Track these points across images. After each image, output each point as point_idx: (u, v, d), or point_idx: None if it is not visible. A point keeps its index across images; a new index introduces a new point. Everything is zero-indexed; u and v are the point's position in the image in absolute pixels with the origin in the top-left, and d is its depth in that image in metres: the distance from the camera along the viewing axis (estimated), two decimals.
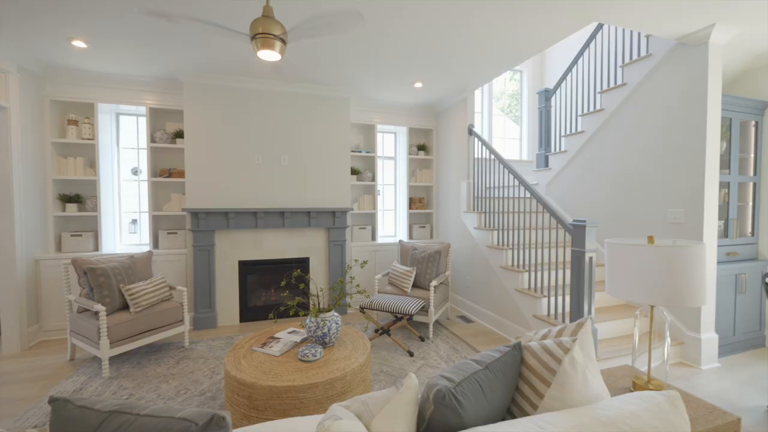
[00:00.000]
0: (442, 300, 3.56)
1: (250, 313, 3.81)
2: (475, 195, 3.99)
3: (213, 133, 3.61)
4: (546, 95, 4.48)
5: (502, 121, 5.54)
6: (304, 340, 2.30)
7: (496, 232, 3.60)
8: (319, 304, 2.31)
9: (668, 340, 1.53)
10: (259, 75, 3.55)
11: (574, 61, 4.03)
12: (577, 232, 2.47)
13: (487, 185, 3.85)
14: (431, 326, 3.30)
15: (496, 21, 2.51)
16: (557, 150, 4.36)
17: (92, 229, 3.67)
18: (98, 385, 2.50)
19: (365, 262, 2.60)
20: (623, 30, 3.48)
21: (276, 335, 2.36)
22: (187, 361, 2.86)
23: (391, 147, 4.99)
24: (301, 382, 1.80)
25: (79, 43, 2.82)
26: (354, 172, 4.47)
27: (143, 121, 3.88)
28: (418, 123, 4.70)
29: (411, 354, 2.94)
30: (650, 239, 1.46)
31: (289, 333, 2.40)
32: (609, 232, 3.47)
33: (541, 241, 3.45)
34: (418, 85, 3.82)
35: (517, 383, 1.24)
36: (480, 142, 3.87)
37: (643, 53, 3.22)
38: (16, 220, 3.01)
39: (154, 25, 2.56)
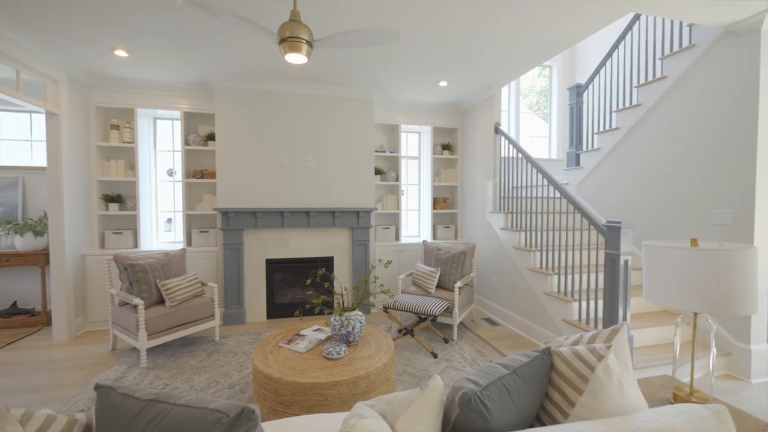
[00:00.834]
0: (466, 302, 3.50)
1: (276, 310, 3.91)
2: (502, 195, 3.89)
3: (242, 136, 3.74)
4: (577, 91, 4.31)
5: (529, 119, 5.38)
6: (328, 338, 2.33)
7: (523, 233, 3.49)
8: (343, 303, 2.33)
9: (714, 350, 1.43)
10: (286, 78, 3.63)
11: (608, 55, 3.85)
12: (612, 233, 2.35)
13: (514, 185, 3.75)
14: (455, 328, 3.25)
15: (525, 16, 2.44)
16: (589, 148, 4.17)
17: (132, 227, 3.89)
18: (137, 374, 2.64)
19: (389, 262, 2.60)
20: (663, 20, 3.29)
21: (301, 332, 2.41)
22: (218, 354, 2.97)
23: (415, 147, 4.97)
24: (326, 380, 1.82)
25: (121, 52, 3.00)
26: (378, 172, 4.48)
27: (178, 125, 4.07)
28: (443, 122, 4.65)
29: (435, 355, 2.91)
30: (693, 242, 1.37)
31: (314, 331, 2.44)
32: (646, 234, 3.28)
33: (571, 243, 3.32)
34: (443, 83, 3.78)
35: (547, 390, 1.19)
36: (507, 141, 3.78)
37: (684, 44, 3.03)
38: (65, 219, 3.25)
39: (189, 33, 2.67)
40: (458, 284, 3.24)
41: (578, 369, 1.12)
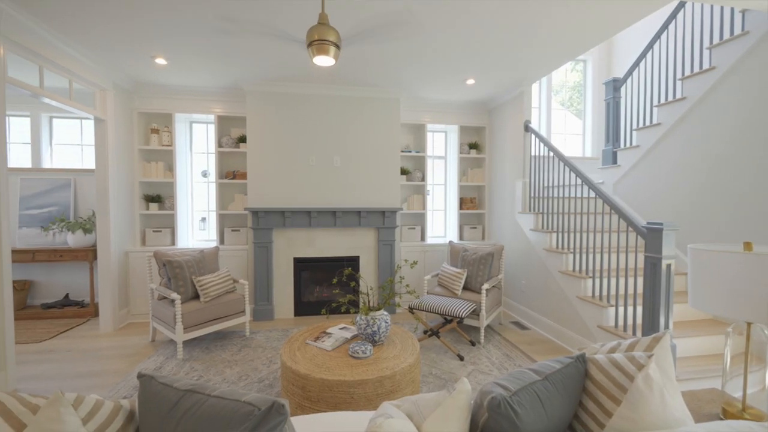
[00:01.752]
0: (494, 304, 3.42)
1: (303, 307, 4.00)
2: (532, 195, 3.77)
3: (271, 137, 3.85)
4: (614, 85, 4.09)
5: (561, 116, 5.18)
6: (354, 337, 2.35)
7: (554, 235, 3.36)
8: (369, 302, 2.34)
9: None
10: (313, 80, 3.70)
11: (649, 46, 3.63)
12: (652, 236, 2.22)
13: (545, 184, 3.62)
14: (482, 331, 3.19)
15: (558, 7, 2.35)
16: (627, 145, 3.96)
17: (169, 225, 4.11)
18: (173, 365, 2.79)
19: (415, 263, 2.58)
20: (711, 7, 3.06)
21: (328, 330, 2.44)
22: (248, 349, 3.08)
23: (441, 146, 4.91)
24: (352, 378, 1.84)
25: (160, 61, 3.17)
26: (403, 172, 4.47)
27: (212, 128, 4.26)
28: (470, 121, 4.56)
29: (461, 358, 2.86)
30: (747, 245, 1.26)
31: (340, 329, 2.47)
32: (692, 236, 3.07)
33: (607, 246, 3.15)
34: (471, 81, 3.71)
35: (581, 398, 1.14)
36: (537, 139, 3.65)
37: (736, 31, 2.80)
38: (111, 217, 3.48)
39: (222, 41, 2.79)
40: (485, 286, 3.17)
41: (616, 378, 1.07)
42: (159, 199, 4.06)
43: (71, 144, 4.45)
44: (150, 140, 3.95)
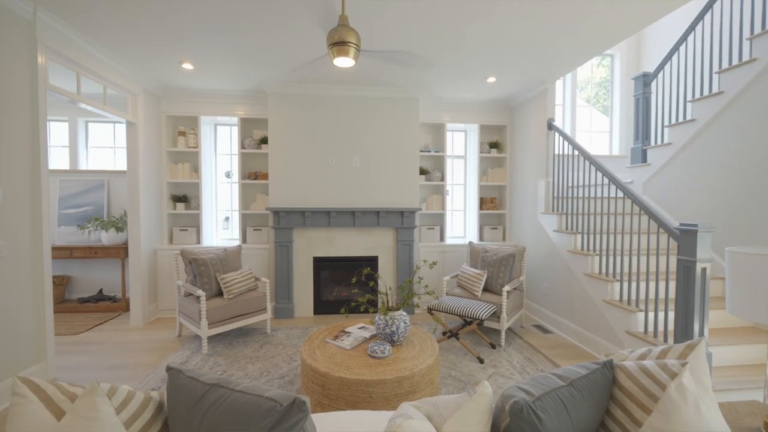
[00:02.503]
0: (515, 306, 3.35)
1: (322, 306, 4.04)
2: (555, 195, 3.66)
3: (292, 138, 3.92)
4: (644, 80, 3.91)
5: (587, 113, 5.01)
6: (372, 336, 2.35)
7: (579, 236, 3.26)
8: (387, 302, 2.34)
9: None
10: (333, 81, 3.74)
11: (683, 38, 3.45)
12: (686, 238, 2.11)
13: (569, 184, 3.51)
14: (503, 333, 3.12)
15: (583, 0, 2.27)
16: (658, 143, 3.78)
17: (195, 224, 4.26)
18: (198, 360, 2.88)
19: (434, 263, 2.56)
20: None
21: (347, 329, 2.46)
22: (269, 346, 3.14)
23: (461, 145, 4.85)
24: (371, 377, 1.84)
25: (187, 65, 3.29)
26: (423, 172, 4.45)
27: (235, 130, 4.38)
28: (491, 120, 4.49)
29: (481, 360, 2.82)
30: None
31: (359, 328, 2.48)
32: (730, 239, 2.90)
33: (636, 248, 3.02)
34: (492, 79, 3.65)
35: (608, 406, 1.10)
36: (561, 137, 3.55)
37: None
38: (141, 217, 3.64)
39: (246, 45, 2.86)
40: (506, 288, 3.11)
41: (646, 386, 1.02)
42: (185, 199, 4.21)
43: (105, 147, 4.68)
44: (177, 142, 4.10)
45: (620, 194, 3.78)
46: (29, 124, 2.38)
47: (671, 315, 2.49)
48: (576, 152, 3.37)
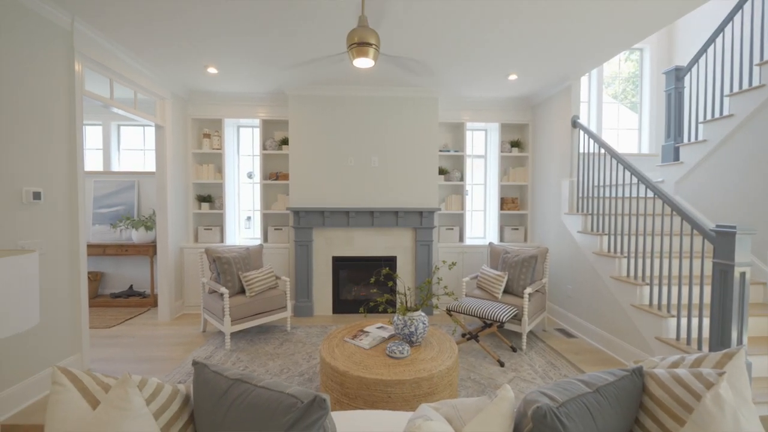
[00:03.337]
0: (537, 309, 3.27)
1: (341, 305, 4.08)
2: (580, 195, 3.55)
3: (312, 139, 3.97)
4: (676, 75, 3.73)
5: (614, 110, 4.83)
6: (391, 337, 2.35)
7: (606, 237, 3.14)
8: (406, 302, 2.33)
9: None
10: (352, 82, 3.77)
11: (719, 30, 3.27)
12: (723, 240, 2.00)
13: (595, 183, 3.39)
14: (524, 337, 3.05)
15: None
16: (692, 140, 3.59)
17: (218, 224, 4.38)
18: (222, 355, 2.97)
19: (453, 264, 2.54)
20: None
21: (365, 329, 2.47)
22: (289, 343, 3.20)
23: (481, 145, 4.78)
24: (389, 377, 1.84)
25: (212, 69, 3.39)
26: (442, 171, 4.41)
27: (257, 132, 4.48)
28: (512, 118, 4.40)
29: (501, 364, 2.76)
30: None
31: (377, 328, 2.48)
32: None
33: (666, 250, 2.89)
34: (513, 77, 3.58)
35: (637, 415, 1.05)
36: (586, 135, 3.43)
37: None
38: (169, 216, 3.78)
39: (267, 48, 2.92)
40: (528, 290, 3.03)
41: (679, 396, 0.97)
42: (210, 199, 4.35)
43: (135, 149, 4.90)
44: (202, 144, 4.24)
45: (650, 194, 3.62)
46: (67, 129, 2.52)
47: (706, 321, 2.36)
48: (602, 151, 3.25)
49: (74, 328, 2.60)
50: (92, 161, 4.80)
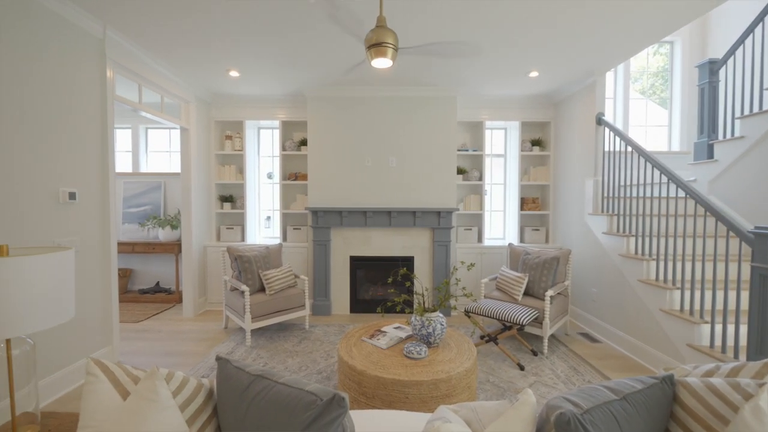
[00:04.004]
0: (559, 312, 3.18)
1: (358, 305, 4.10)
2: (605, 194, 3.43)
3: (330, 140, 4.01)
4: (710, 68, 3.55)
5: (641, 106, 4.64)
6: (408, 337, 2.34)
7: (633, 239, 3.02)
8: (424, 303, 2.32)
9: None
10: (370, 82, 3.78)
11: (758, 19, 3.08)
12: (762, 243, 1.88)
13: (621, 183, 3.27)
14: (546, 340, 2.98)
15: None
16: (728, 136, 3.41)
17: (240, 223, 4.49)
18: (243, 351, 3.04)
19: (472, 265, 2.50)
20: None
21: (383, 329, 2.47)
22: (307, 342, 3.24)
23: (501, 144, 4.69)
24: (407, 378, 1.83)
25: (234, 73, 3.48)
26: (460, 171, 4.36)
27: (276, 133, 4.56)
28: (533, 116, 4.30)
29: (521, 367, 2.71)
30: None
31: (394, 328, 2.48)
32: None
33: (699, 253, 2.75)
34: (534, 74, 3.49)
35: (668, 425, 1.01)
36: (612, 133, 3.31)
37: None
38: (193, 215, 3.91)
39: (287, 51, 2.96)
40: (549, 293, 2.95)
41: (714, 407, 0.92)
42: (231, 199, 4.47)
43: (162, 151, 5.09)
44: (224, 146, 4.36)
45: (681, 194, 3.46)
46: (99, 132, 2.64)
47: (743, 328, 2.23)
48: (629, 149, 3.13)
49: (106, 321, 2.72)
50: (122, 163, 5.02)
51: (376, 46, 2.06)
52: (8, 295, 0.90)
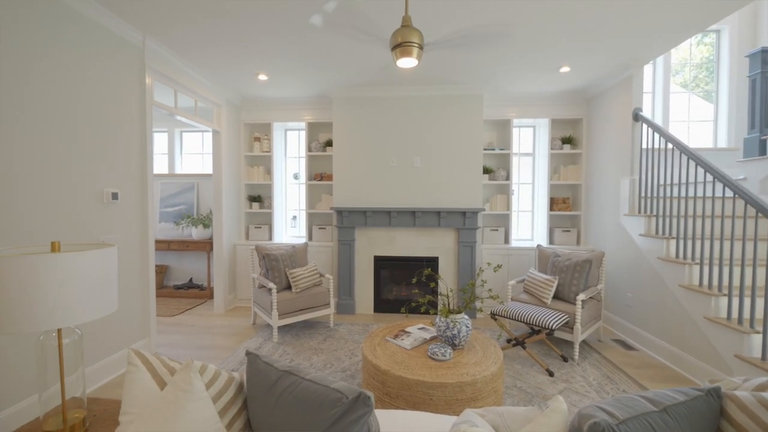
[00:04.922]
0: (591, 317, 3.04)
1: (382, 305, 4.11)
2: (642, 194, 3.24)
3: (355, 140, 4.05)
4: (762, 57, 3.28)
5: (683, 100, 4.36)
6: (432, 338, 2.32)
7: (673, 242, 2.84)
8: (449, 304, 2.29)
9: None
10: (395, 82, 3.78)
11: None
12: None
13: (660, 182, 3.08)
14: (577, 346, 2.86)
15: None
16: None
17: (267, 222, 4.62)
18: (270, 347, 3.12)
19: (499, 266, 2.44)
20: None
21: (407, 329, 2.46)
22: (332, 339, 3.28)
23: (529, 142, 4.56)
24: (431, 380, 1.82)
25: (262, 77, 3.59)
26: (486, 170, 4.27)
27: (303, 135, 4.66)
28: (563, 113, 4.14)
29: (551, 373, 2.61)
30: None
31: (419, 329, 2.46)
32: None
33: (750, 257, 2.54)
34: (565, 69, 3.36)
35: None
36: (650, 129, 3.13)
37: None
38: (224, 215, 4.06)
39: (313, 54, 3.02)
40: (581, 297, 2.84)
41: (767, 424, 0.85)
42: (259, 199, 4.61)
43: (195, 153, 5.33)
44: (253, 147, 4.50)
45: (729, 193, 3.22)
46: (139, 136, 2.80)
47: None
48: (669, 146, 2.95)
49: (144, 315, 2.88)
50: (159, 165, 5.29)
51: (401, 46, 2.06)
52: (61, 288, 0.98)
